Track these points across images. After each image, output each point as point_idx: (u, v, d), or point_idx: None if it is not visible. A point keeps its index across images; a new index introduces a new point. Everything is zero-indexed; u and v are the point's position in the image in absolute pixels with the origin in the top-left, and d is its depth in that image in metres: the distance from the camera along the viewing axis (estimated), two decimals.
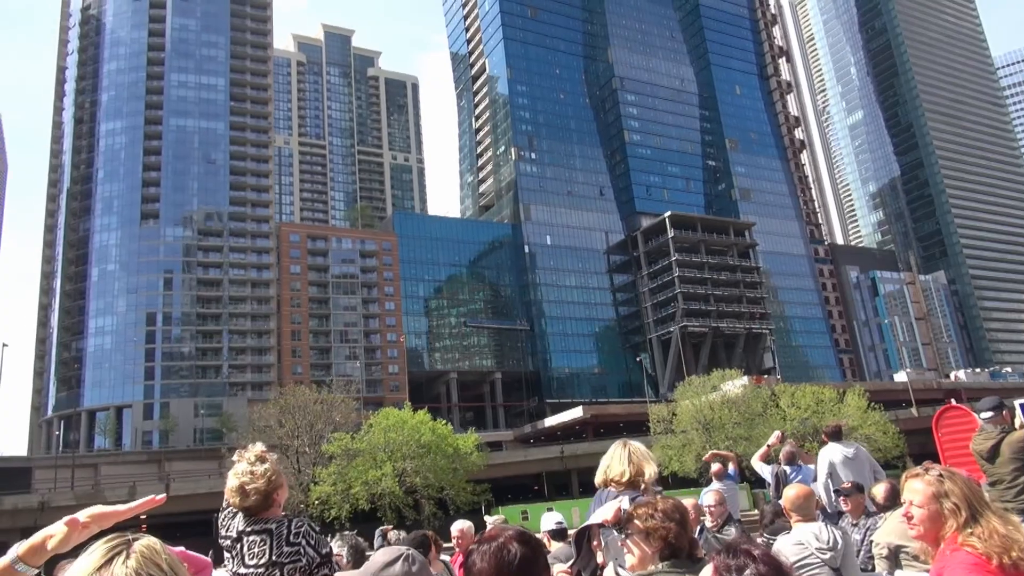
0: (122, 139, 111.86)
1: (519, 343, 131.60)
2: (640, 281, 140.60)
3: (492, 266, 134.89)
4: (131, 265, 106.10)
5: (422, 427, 49.76)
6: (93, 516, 2.16)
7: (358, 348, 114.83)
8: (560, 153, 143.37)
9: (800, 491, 5.75)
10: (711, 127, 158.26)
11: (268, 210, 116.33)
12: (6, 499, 55.18)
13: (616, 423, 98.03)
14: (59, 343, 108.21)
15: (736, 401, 63.20)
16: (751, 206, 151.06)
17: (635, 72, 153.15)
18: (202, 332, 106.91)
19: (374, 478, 46.69)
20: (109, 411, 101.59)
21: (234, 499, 3.44)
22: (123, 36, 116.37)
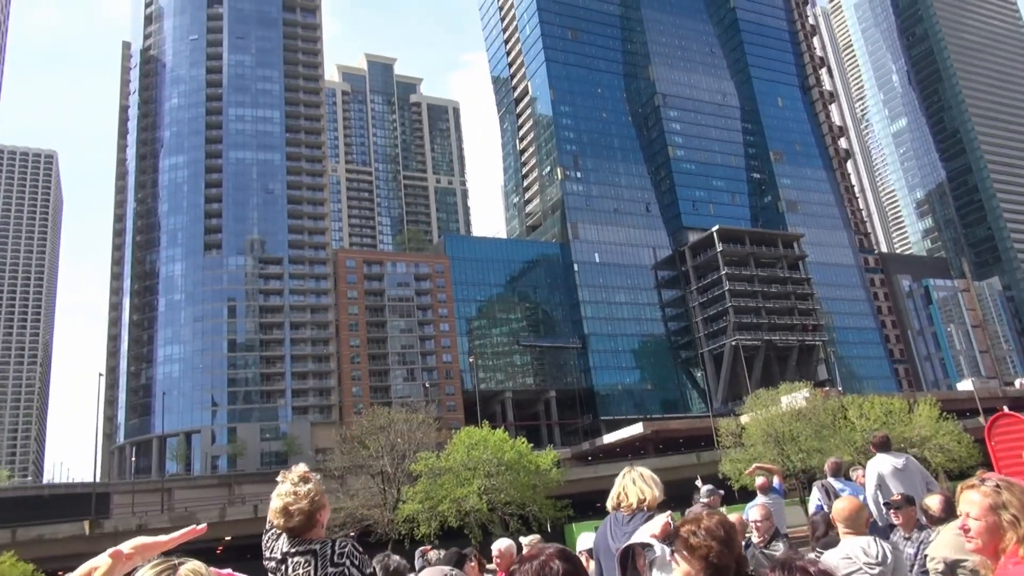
0: (184, 173, 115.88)
1: (571, 361, 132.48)
2: (689, 296, 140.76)
3: (542, 285, 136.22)
4: (196, 294, 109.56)
5: (504, 445, 51.00)
6: (136, 547, 2.21)
7: (415, 369, 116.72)
8: (605, 171, 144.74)
9: (850, 503, 5.63)
10: (754, 140, 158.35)
11: (324, 237, 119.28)
12: (107, 522, 57.52)
13: (676, 439, 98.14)
14: (129, 372, 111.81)
15: (807, 414, 63.18)
16: (798, 217, 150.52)
17: (677, 88, 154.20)
18: (265, 357, 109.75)
19: (462, 495, 47.99)
20: (179, 437, 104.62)
21: (278, 520, 3.47)
22: (182, 74, 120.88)
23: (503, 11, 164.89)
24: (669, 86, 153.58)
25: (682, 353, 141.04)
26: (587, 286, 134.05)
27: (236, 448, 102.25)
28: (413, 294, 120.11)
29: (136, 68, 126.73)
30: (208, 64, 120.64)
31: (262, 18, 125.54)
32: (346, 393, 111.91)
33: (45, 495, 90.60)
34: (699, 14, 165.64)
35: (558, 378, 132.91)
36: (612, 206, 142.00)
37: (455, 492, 48.34)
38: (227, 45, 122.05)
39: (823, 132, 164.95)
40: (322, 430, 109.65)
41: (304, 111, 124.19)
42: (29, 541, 52.77)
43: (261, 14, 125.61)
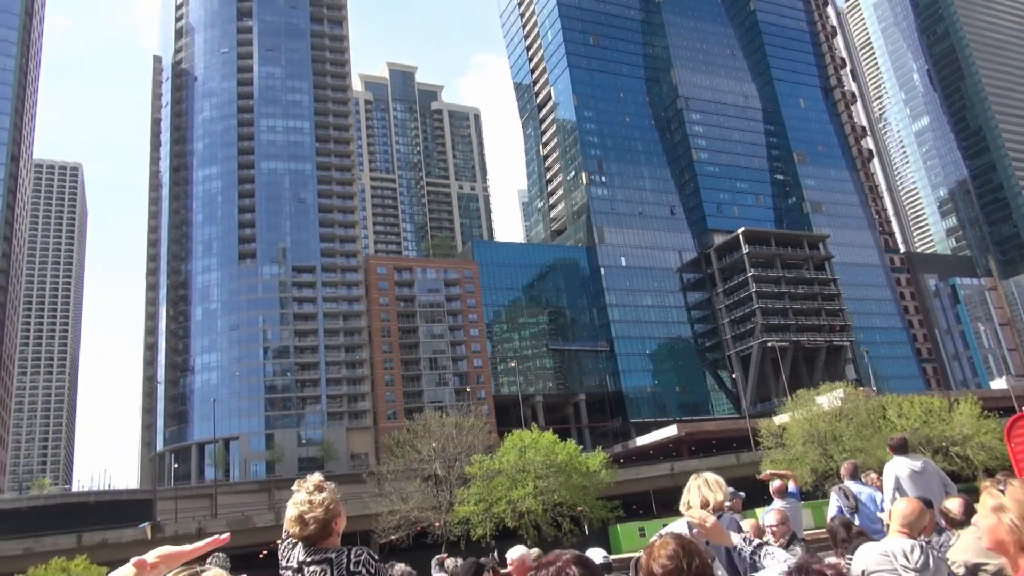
0: (218, 184, 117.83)
1: (599, 364, 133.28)
2: (716, 298, 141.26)
3: (568, 289, 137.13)
4: (232, 303, 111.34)
5: (555, 447, 52.04)
6: (161, 556, 2.24)
7: (446, 374, 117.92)
8: (629, 175, 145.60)
9: (914, 505, 5.39)
10: (777, 141, 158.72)
11: (355, 245, 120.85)
12: (168, 527, 59.00)
13: (709, 440, 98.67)
14: (167, 380, 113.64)
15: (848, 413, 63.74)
16: (823, 218, 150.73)
17: (699, 91, 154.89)
18: (300, 364, 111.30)
19: (518, 497, 49.05)
20: (218, 443, 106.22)
21: (293, 528, 3.49)
22: (214, 87, 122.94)
23: (524, 18, 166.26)
24: (691, 89, 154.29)
25: (709, 355, 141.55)
26: (614, 289, 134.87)
27: (274, 454, 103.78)
28: (443, 300, 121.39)
29: (168, 82, 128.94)
30: (239, 76, 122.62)
31: (290, 30, 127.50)
32: (379, 399, 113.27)
33: (91, 502, 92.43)
34: (719, 17, 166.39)
35: (586, 381, 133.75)
36: (637, 210, 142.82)
37: (510, 494, 49.38)
38: (257, 58, 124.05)
39: (846, 132, 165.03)
40: (357, 435, 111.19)
41: (333, 121, 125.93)
42: (94, 545, 54.30)
43: (289, 26, 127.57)
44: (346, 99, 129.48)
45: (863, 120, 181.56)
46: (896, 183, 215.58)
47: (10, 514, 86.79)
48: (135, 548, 57.23)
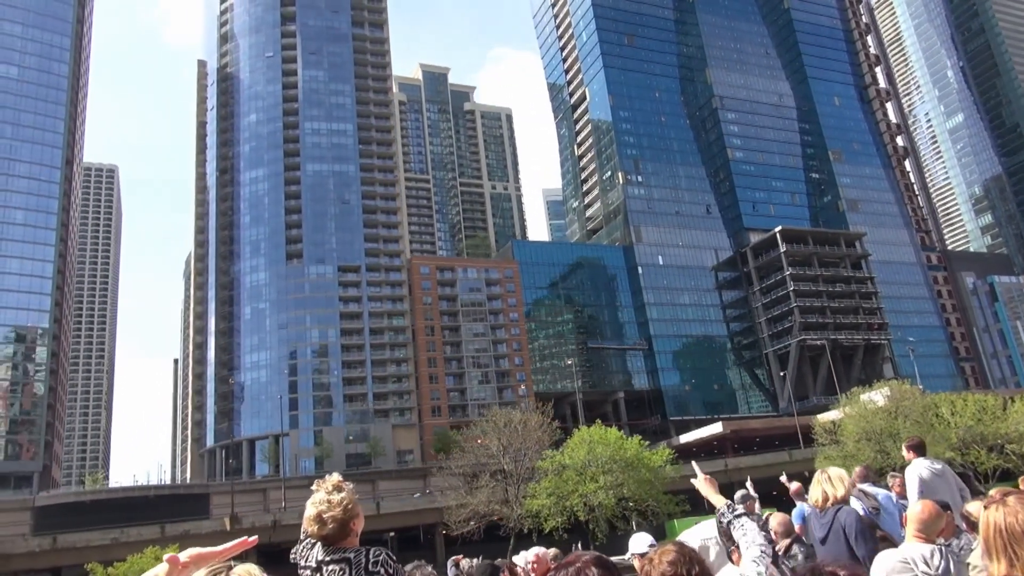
0: (264, 186, 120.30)
1: (638, 363, 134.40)
2: (752, 297, 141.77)
3: (606, 288, 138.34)
4: (280, 303, 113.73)
5: (624, 443, 53.48)
6: (192, 556, 2.30)
7: (489, 372, 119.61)
8: (665, 175, 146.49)
9: (929, 507, 5.24)
10: (812, 140, 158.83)
11: (399, 245, 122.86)
12: (245, 519, 61.14)
13: (753, 438, 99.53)
14: (216, 378, 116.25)
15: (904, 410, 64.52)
16: (859, 216, 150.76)
17: (733, 90, 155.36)
18: (347, 362, 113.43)
19: (590, 491, 50.56)
20: (268, 439, 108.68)
21: (312, 528, 3.53)
22: (260, 90, 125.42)
23: (558, 19, 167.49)
24: (726, 88, 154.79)
25: (745, 353, 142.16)
26: (651, 288, 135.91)
27: (324, 450, 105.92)
28: (484, 299, 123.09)
29: (213, 85, 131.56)
30: (284, 80, 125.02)
31: (333, 34, 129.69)
32: (424, 396, 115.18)
33: (151, 495, 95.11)
34: (753, 16, 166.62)
35: (624, 380, 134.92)
36: (673, 209, 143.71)
37: (582, 488, 50.86)
38: (301, 61, 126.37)
39: (880, 130, 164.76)
40: (402, 432, 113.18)
41: (375, 123, 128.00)
42: (177, 536, 56.43)
43: (332, 30, 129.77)
44: (387, 101, 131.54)
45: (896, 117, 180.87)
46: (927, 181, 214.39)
47: (75, 507, 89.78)
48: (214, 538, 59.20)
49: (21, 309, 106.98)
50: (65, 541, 55.90)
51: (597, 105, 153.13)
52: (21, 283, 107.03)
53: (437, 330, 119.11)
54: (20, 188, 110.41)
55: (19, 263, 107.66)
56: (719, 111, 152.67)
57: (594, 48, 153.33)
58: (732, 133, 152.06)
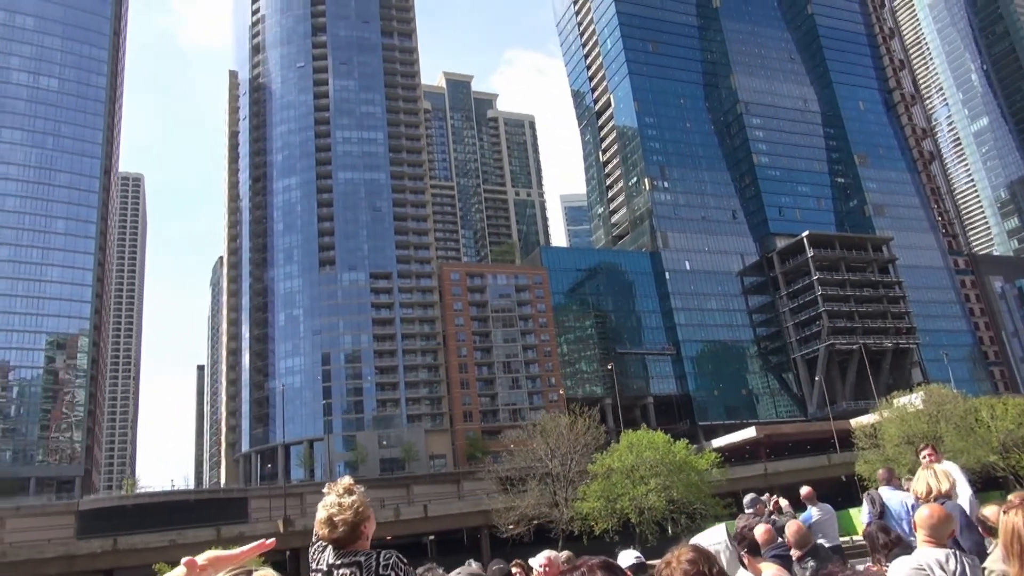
0: (297, 194, 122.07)
1: (666, 367, 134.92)
2: (779, 301, 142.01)
3: (633, 293, 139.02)
4: (314, 309, 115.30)
5: (672, 447, 54.27)
6: (210, 559, 2.35)
7: (519, 377, 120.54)
8: (691, 180, 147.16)
9: (937, 511, 5.16)
10: (837, 144, 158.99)
11: (429, 252, 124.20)
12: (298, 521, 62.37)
13: (786, 442, 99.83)
14: (251, 383, 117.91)
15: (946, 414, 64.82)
16: (885, 221, 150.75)
17: (758, 96, 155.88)
18: (379, 368, 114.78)
19: (640, 494, 51.37)
20: (303, 444, 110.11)
21: (323, 531, 3.54)
22: (292, 100, 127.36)
23: (582, 27, 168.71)
24: (751, 94, 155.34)
25: (772, 358, 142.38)
26: (679, 293, 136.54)
27: (358, 455, 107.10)
28: (514, 305, 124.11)
29: (245, 96, 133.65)
30: (315, 90, 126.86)
31: (363, 44, 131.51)
32: (456, 401, 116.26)
33: (191, 500, 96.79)
34: (776, 22, 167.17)
35: (652, 385, 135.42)
36: (699, 214, 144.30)
37: (633, 491, 51.67)
38: (332, 71, 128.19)
39: (906, 134, 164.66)
40: (435, 437, 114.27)
41: (405, 131, 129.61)
42: (232, 538, 57.69)
43: (362, 40, 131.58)
44: (416, 110, 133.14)
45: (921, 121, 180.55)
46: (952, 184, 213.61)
47: (118, 511, 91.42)
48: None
49: (62, 316, 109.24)
50: (125, 543, 57.37)
51: (622, 112, 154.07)
52: (62, 291, 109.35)
53: (467, 336, 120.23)
54: (61, 198, 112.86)
55: (60, 271, 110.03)
56: (744, 116, 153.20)
57: (619, 55, 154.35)
58: (757, 138, 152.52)
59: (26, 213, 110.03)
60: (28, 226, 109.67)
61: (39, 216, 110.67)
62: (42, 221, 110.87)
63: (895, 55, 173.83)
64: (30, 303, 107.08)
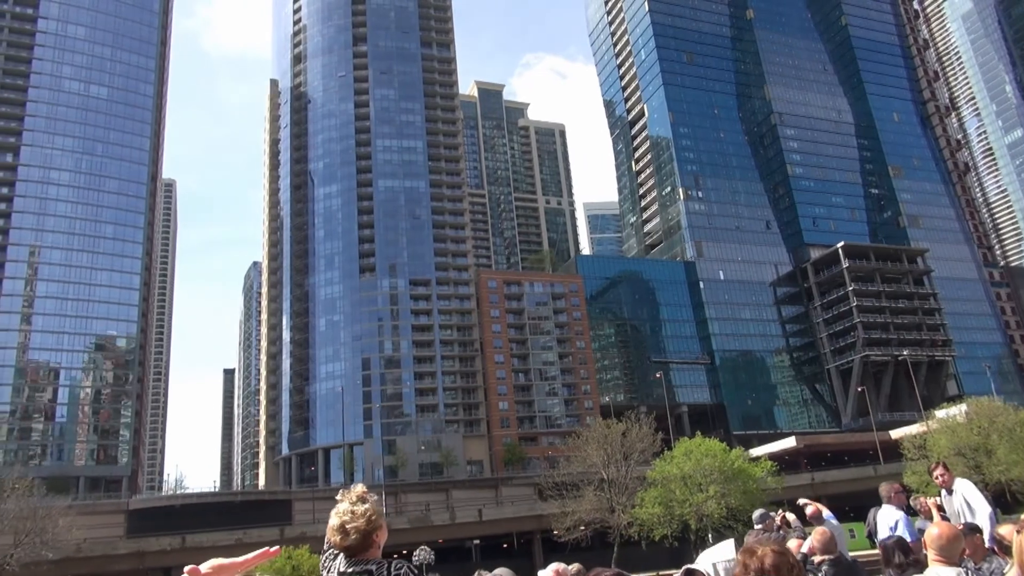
0: (338, 201, 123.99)
1: (700, 377, 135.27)
2: (813, 312, 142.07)
3: (668, 303, 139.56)
4: (354, 315, 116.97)
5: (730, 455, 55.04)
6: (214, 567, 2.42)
7: (556, 385, 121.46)
8: (725, 191, 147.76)
9: (946, 529, 5.11)
10: (871, 155, 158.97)
11: (467, 259, 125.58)
12: None
13: (825, 453, 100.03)
14: (291, 387, 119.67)
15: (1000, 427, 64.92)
16: (920, 232, 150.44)
17: (792, 107, 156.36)
18: (418, 373, 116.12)
19: (700, 501, 52.17)
20: (343, 448, 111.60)
21: (335, 538, 3.54)
22: (333, 109, 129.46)
23: (615, 37, 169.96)
24: (785, 105, 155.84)
25: (805, 369, 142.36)
26: (713, 303, 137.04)
27: (398, 459, 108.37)
28: (551, 312, 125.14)
29: (287, 104, 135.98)
30: (356, 99, 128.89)
31: (402, 54, 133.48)
32: (493, 408, 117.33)
33: (238, 501, 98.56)
34: (810, 33, 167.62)
35: (685, 394, 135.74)
36: (734, 224, 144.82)
37: (693, 498, 52.47)
38: (372, 80, 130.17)
39: (940, 146, 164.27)
40: (472, 442, 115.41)
41: (443, 140, 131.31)
42: (295, 537, 59.09)
43: (401, 50, 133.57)
44: (455, 119, 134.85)
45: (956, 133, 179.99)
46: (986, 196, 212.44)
47: (167, 511, 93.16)
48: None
49: (111, 320, 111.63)
50: (193, 540, 58.94)
51: (656, 122, 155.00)
52: (111, 294, 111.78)
53: (504, 343, 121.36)
54: (109, 203, 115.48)
55: (108, 275, 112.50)
56: (778, 127, 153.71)
57: (653, 66, 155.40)
58: (791, 149, 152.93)
59: (77, 218, 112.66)
60: (79, 231, 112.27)
61: (89, 221, 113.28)
62: (92, 226, 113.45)
63: (929, 66, 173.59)
64: (80, 306, 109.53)
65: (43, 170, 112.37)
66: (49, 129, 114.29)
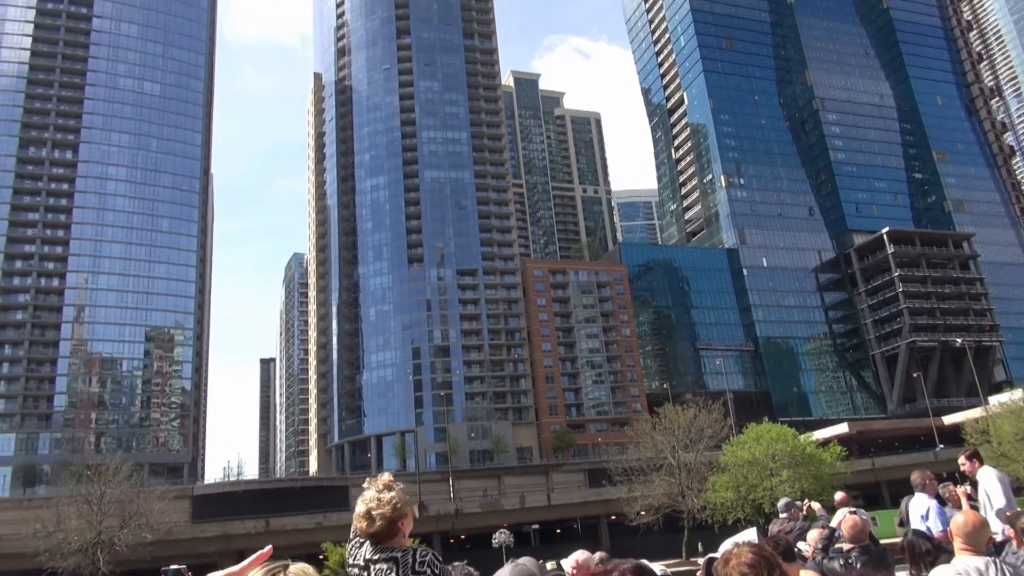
0: (385, 193, 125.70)
1: (744, 364, 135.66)
2: (857, 298, 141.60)
3: (710, 290, 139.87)
4: (403, 305, 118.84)
5: (799, 440, 55.92)
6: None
7: (602, 372, 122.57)
8: (767, 177, 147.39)
9: (972, 517, 5.05)
10: (914, 140, 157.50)
11: (512, 248, 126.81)
12: (432, 506, 65.53)
13: (876, 439, 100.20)
14: (342, 376, 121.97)
15: None
16: (965, 217, 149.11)
17: (834, 92, 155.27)
18: (467, 362, 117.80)
19: (775, 485, 53.14)
20: (395, 435, 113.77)
21: (361, 524, 3.57)
22: (378, 101, 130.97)
23: (653, 24, 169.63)
24: (827, 90, 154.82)
25: (849, 355, 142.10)
26: (757, 290, 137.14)
27: (450, 446, 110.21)
28: (596, 301, 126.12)
29: (331, 97, 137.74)
30: (400, 91, 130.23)
31: (445, 46, 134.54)
32: (540, 395, 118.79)
33: (297, 487, 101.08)
34: (851, 17, 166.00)
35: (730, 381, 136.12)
36: (776, 211, 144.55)
37: (768, 482, 53.47)
38: (416, 73, 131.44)
39: (985, 129, 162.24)
40: (522, 430, 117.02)
41: (487, 131, 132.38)
42: None
43: (445, 42, 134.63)
44: (497, 109, 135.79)
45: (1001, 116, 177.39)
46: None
47: (230, 496, 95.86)
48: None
49: (168, 311, 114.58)
50: (276, 524, 61.14)
51: (696, 109, 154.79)
52: (168, 286, 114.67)
53: (551, 331, 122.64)
54: (165, 198, 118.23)
55: (166, 268, 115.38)
56: (820, 112, 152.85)
57: (693, 52, 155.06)
58: (833, 134, 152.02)
59: (134, 212, 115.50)
60: (136, 225, 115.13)
61: (146, 215, 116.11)
62: (148, 220, 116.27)
63: (973, 49, 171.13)
64: (139, 298, 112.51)
65: (101, 166, 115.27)
66: (106, 126, 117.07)
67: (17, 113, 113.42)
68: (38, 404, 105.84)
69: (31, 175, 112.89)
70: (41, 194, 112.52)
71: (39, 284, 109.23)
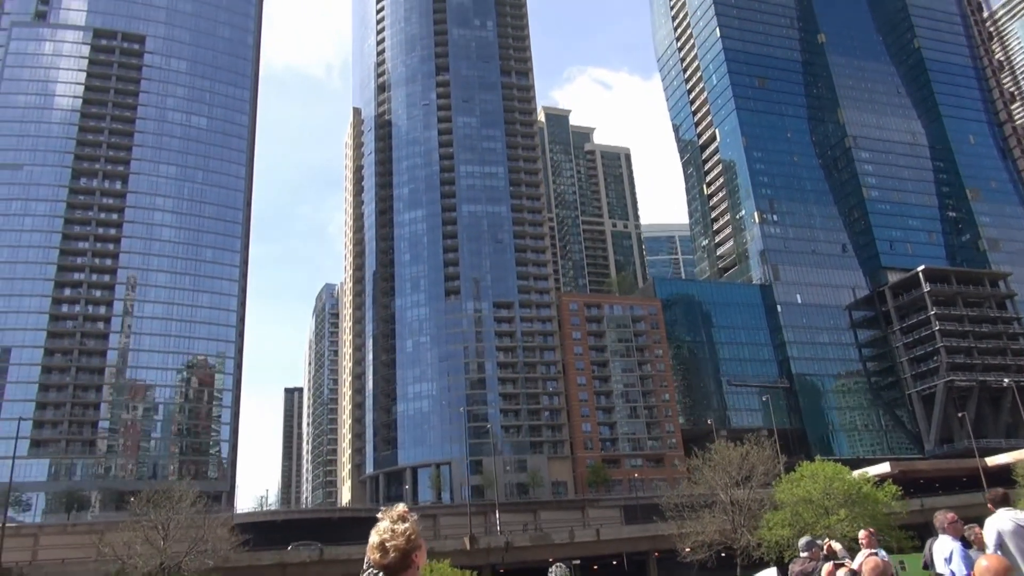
0: (423, 226, 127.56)
1: (779, 401, 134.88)
2: (892, 336, 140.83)
3: (744, 326, 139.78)
4: (440, 337, 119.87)
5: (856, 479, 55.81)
6: None
7: (637, 407, 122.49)
8: (800, 214, 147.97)
9: (996, 563, 5.01)
10: (947, 178, 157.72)
11: (548, 282, 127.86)
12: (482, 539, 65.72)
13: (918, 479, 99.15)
14: (377, 407, 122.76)
15: None
16: (1000, 255, 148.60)
17: (867, 130, 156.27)
18: (503, 395, 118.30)
19: (833, 523, 52.99)
20: (430, 467, 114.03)
21: (374, 555, 3.52)
22: (417, 136, 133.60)
23: (684, 62, 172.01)
24: (859, 128, 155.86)
25: (884, 393, 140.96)
26: (791, 327, 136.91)
27: (485, 479, 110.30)
28: (631, 335, 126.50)
29: (371, 132, 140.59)
30: (439, 127, 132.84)
31: (483, 83, 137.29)
32: (576, 429, 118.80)
33: (335, 518, 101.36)
34: (882, 56, 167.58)
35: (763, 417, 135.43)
36: (810, 248, 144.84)
37: (825, 520, 53.31)
38: (455, 108, 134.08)
39: (1019, 168, 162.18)
40: (556, 464, 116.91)
41: (523, 166, 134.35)
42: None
43: (482, 79, 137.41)
44: (533, 145, 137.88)
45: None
46: None
47: (269, 525, 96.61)
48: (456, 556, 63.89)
49: (211, 340, 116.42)
50: (331, 553, 61.59)
51: (728, 146, 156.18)
52: (211, 315, 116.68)
53: (586, 365, 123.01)
54: (209, 228, 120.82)
55: (209, 297, 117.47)
56: (852, 150, 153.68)
57: (725, 91, 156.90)
58: (867, 172, 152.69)
59: (179, 243, 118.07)
60: (181, 255, 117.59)
61: (191, 245, 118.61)
62: (193, 250, 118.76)
63: (1004, 88, 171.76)
64: (182, 327, 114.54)
65: (149, 197, 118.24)
66: (154, 158, 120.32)
67: (71, 145, 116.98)
68: (82, 430, 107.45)
69: (82, 205, 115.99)
70: (91, 223, 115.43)
71: (87, 312, 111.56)
